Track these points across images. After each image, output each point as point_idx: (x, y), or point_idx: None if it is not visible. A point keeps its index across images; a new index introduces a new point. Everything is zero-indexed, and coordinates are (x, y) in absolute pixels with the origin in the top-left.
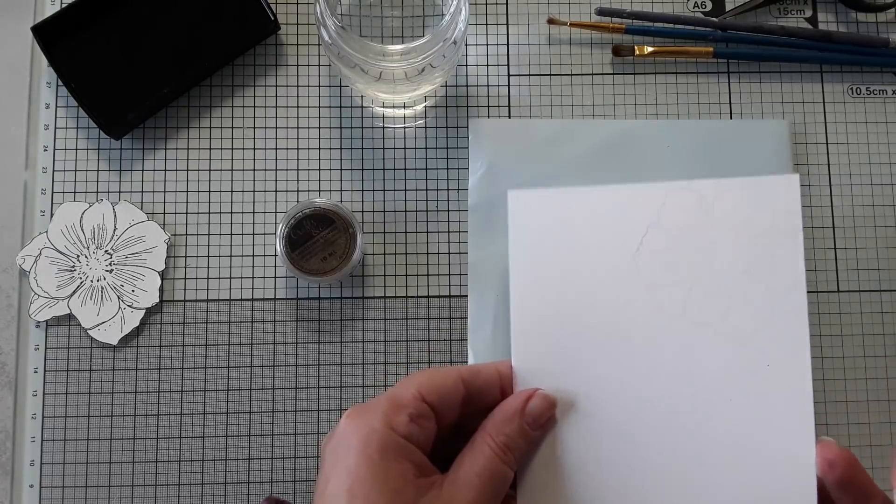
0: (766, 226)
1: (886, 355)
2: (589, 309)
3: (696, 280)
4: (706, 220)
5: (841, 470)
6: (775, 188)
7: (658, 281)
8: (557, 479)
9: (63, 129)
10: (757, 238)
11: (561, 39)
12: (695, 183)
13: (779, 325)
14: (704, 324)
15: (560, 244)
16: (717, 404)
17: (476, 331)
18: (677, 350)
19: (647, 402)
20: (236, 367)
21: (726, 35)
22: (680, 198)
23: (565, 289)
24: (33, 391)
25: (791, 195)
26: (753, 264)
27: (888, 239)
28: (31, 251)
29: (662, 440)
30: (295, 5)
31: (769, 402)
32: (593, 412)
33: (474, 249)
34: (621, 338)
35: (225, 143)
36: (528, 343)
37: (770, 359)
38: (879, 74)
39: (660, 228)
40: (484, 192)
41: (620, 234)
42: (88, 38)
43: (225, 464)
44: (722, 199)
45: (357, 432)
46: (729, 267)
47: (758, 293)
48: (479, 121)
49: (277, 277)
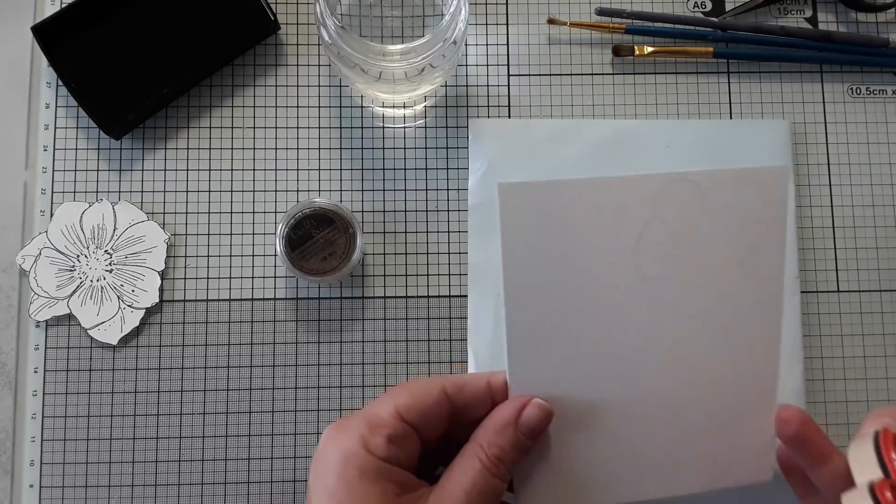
0: (757, 216)
1: (886, 355)
2: (586, 305)
3: (692, 272)
4: (703, 211)
5: (795, 426)
6: (767, 178)
7: (657, 275)
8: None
9: (63, 129)
10: (748, 228)
11: (561, 39)
12: (691, 173)
13: (758, 313)
14: (697, 316)
15: (554, 238)
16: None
17: (476, 332)
18: (672, 344)
19: (642, 398)
20: (236, 367)
21: (726, 35)
22: (678, 189)
23: (561, 285)
24: (33, 391)
25: (781, 185)
26: (745, 254)
27: (888, 239)
28: (31, 251)
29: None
30: (295, 5)
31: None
32: (589, 410)
33: (474, 250)
34: (618, 334)
35: (225, 143)
36: (523, 341)
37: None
38: (879, 74)
39: (659, 221)
40: (484, 192)
41: (619, 226)
42: (88, 38)
43: (225, 464)
44: (717, 189)
45: (336, 452)
46: (723, 258)
47: (745, 283)
48: (479, 121)
49: (277, 277)
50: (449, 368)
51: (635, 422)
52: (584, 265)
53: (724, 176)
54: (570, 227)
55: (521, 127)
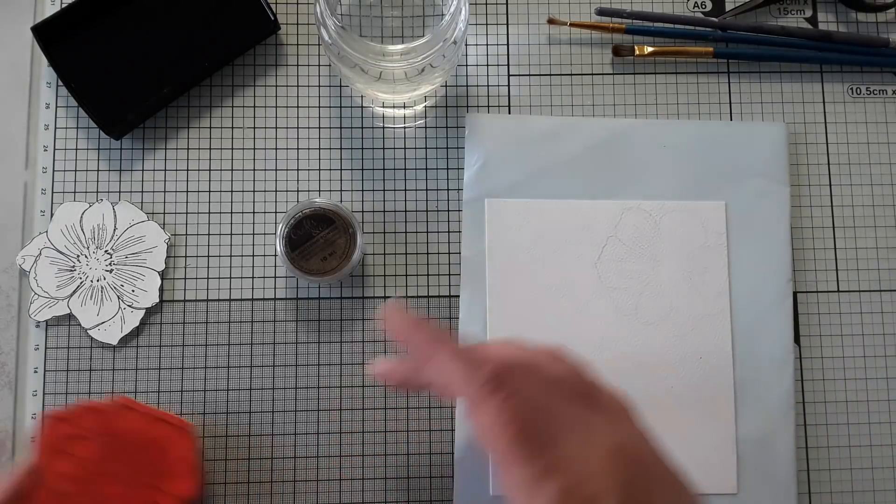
0: (701, 242)
1: (886, 355)
2: (556, 305)
3: (646, 285)
4: (654, 235)
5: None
6: (707, 212)
7: (615, 285)
8: None
9: (63, 129)
10: (694, 252)
11: (561, 39)
12: (644, 203)
13: (708, 324)
14: (652, 323)
15: (532, 249)
16: (661, 391)
17: (468, 325)
18: (630, 344)
19: None
20: (236, 367)
21: (726, 35)
22: (633, 215)
23: (536, 287)
24: (33, 391)
25: (719, 218)
26: (691, 274)
27: (888, 239)
28: (31, 251)
29: None
30: (295, 5)
31: (700, 388)
32: None
33: (468, 244)
34: (583, 333)
35: (225, 143)
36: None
37: (701, 352)
38: (879, 74)
39: (617, 240)
40: (479, 186)
41: (585, 243)
42: (88, 38)
43: (225, 464)
44: (666, 218)
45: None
46: (672, 275)
47: (693, 298)
48: (475, 115)
49: (277, 277)
50: None
51: None
52: (556, 273)
53: (671, 207)
54: (547, 241)
55: (517, 122)
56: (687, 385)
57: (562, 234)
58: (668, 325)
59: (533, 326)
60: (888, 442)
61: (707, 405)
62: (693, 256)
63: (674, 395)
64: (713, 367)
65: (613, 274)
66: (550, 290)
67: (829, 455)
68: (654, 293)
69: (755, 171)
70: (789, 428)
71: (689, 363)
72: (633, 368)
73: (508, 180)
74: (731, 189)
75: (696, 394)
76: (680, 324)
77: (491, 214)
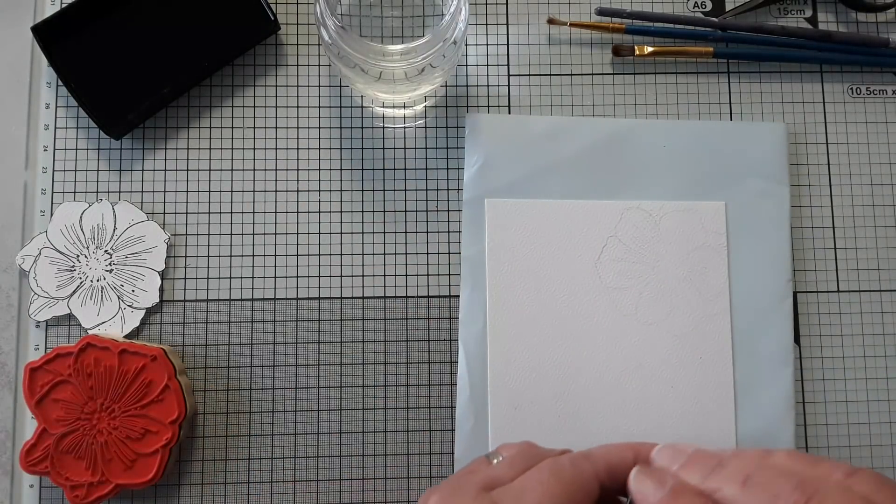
0: (700, 242)
1: (886, 355)
2: (556, 305)
3: (646, 285)
4: (654, 235)
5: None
6: (707, 212)
7: (615, 285)
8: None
9: (63, 129)
10: (693, 252)
11: (561, 39)
12: (644, 203)
13: (708, 324)
14: (652, 323)
15: (532, 249)
16: (661, 391)
17: (467, 325)
18: (630, 344)
19: (602, 388)
20: (236, 367)
21: (726, 35)
22: (633, 215)
23: (536, 287)
24: None
25: (719, 218)
26: (691, 274)
27: (888, 239)
28: (30, 251)
29: (613, 421)
30: (295, 5)
31: (700, 388)
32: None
33: (468, 244)
34: (583, 333)
35: (225, 143)
36: (502, 333)
37: (702, 353)
38: (879, 74)
39: (617, 240)
40: (479, 186)
41: (585, 243)
42: (88, 37)
43: (225, 464)
44: (665, 218)
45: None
46: (672, 275)
47: (693, 298)
48: (475, 115)
49: (277, 277)
50: (449, 368)
51: (599, 417)
52: (557, 273)
53: (671, 207)
54: (547, 241)
55: (517, 122)
56: (687, 385)
57: (562, 234)
58: (668, 325)
59: (533, 326)
60: (888, 442)
61: (707, 405)
62: (693, 256)
63: (674, 395)
64: (713, 367)
65: (613, 274)
66: (550, 290)
67: (829, 455)
68: (654, 293)
69: (755, 171)
70: (789, 428)
71: (689, 363)
72: (633, 368)
73: (508, 180)
74: (730, 189)
75: (696, 394)
76: (680, 324)
77: (491, 214)
